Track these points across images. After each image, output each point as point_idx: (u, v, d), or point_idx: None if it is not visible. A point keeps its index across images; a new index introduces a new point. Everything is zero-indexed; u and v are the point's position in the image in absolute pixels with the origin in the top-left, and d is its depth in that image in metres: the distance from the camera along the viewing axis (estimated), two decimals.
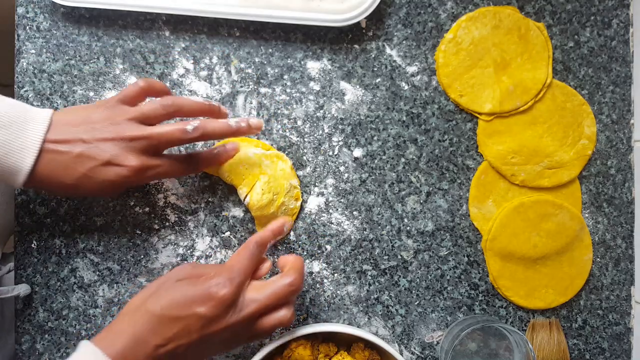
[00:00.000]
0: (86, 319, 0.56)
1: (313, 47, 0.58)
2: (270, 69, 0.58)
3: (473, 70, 0.57)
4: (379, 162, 0.58)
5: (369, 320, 0.57)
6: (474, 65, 0.57)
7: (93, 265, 0.56)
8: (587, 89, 0.59)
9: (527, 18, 0.58)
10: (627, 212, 0.59)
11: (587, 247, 0.58)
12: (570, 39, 0.59)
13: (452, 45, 0.57)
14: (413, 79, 0.58)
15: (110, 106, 0.47)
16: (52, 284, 0.56)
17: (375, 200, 0.57)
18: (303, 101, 0.58)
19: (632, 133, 0.59)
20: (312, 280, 0.57)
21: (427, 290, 0.57)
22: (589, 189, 0.59)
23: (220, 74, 0.57)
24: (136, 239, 0.56)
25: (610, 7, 0.59)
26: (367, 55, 0.58)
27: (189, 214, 0.57)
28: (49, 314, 0.56)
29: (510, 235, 0.57)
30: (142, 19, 0.57)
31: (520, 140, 0.57)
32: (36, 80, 0.56)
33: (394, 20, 0.58)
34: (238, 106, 0.57)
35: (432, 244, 0.58)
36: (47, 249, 0.56)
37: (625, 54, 0.59)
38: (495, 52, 0.57)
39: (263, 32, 0.58)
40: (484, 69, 0.57)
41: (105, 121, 0.46)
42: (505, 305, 0.58)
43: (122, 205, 0.56)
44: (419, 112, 0.58)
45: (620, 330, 0.58)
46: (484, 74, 0.57)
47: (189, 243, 0.57)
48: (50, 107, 0.56)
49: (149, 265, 0.56)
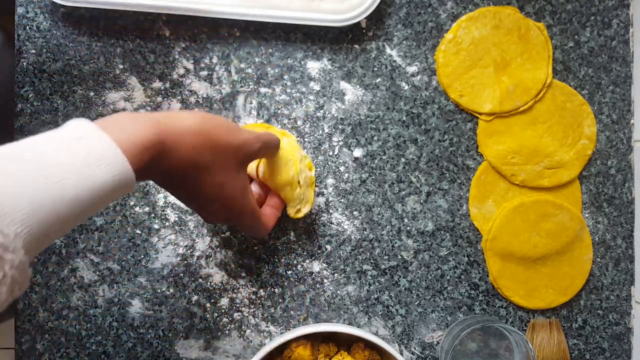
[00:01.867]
0: (86, 319, 0.56)
1: (313, 47, 0.58)
2: (271, 69, 0.58)
3: (473, 70, 0.57)
4: (379, 162, 0.58)
5: (369, 320, 0.57)
6: (474, 65, 0.57)
7: (93, 265, 0.56)
8: (587, 89, 0.59)
9: (527, 18, 0.58)
10: (627, 212, 0.59)
11: (587, 247, 0.58)
12: (570, 39, 0.59)
13: (452, 45, 0.57)
14: (413, 79, 0.58)
15: None
16: (52, 284, 0.56)
17: (375, 200, 0.57)
18: (303, 101, 0.58)
19: (632, 133, 0.59)
20: (312, 280, 0.57)
21: (427, 290, 0.57)
22: (589, 189, 0.59)
23: (221, 74, 0.57)
24: (136, 238, 0.56)
25: (610, 7, 0.59)
26: (367, 55, 0.58)
27: (189, 214, 0.57)
28: (49, 314, 0.56)
29: (511, 235, 0.57)
30: (142, 19, 0.57)
31: (520, 140, 0.57)
32: (36, 81, 0.56)
33: (394, 20, 0.58)
34: (238, 106, 0.57)
35: (432, 244, 0.58)
36: (47, 249, 0.56)
37: (625, 54, 0.59)
38: (495, 52, 0.57)
39: (263, 32, 0.58)
40: (484, 69, 0.57)
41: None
42: (505, 305, 0.58)
43: (122, 205, 0.56)
44: (419, 112, 0.58)
45: (620, 330, 0.58)
46: (484, 74, 0.57)
47: (189, 243, 0.57)
48: (51, 108, 0.56)
49: (149, 265, 0.56)
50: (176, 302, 0.56)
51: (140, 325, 0.56)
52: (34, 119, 0.56)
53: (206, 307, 0.56)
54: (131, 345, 0.56)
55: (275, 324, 0.57)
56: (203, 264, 0.57)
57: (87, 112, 0.56)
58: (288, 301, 0.57)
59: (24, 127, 0.56)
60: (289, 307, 0.57)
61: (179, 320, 0.56)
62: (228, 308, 0.56)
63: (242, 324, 0.56)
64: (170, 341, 0.56)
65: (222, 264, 0.57)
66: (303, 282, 0.57)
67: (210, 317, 0.56)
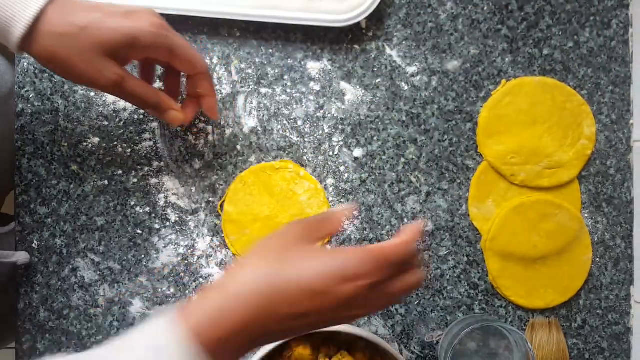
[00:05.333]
0: (87, 318, 0.56)
1: (313, 47, 0.58)
2: (271, 69, 0.58)
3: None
4: (379, 162, 0.58)
5: (369, 320, 0.57)
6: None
7: (94, 265, 0.56)
8: (587, 89, 0.59)
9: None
10: (627, 212, 0.59)
11: (586, 247, 0.58)
12: (570, 39, 0.59)
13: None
14: (413, 79, 0.58)
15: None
16: (52, 284, 0.56)
17: (375, 200, 0.58)
18: (303, 101, 0.58)
19: (632, 133, 0.59)
20: None
21: (426, 289, 0.58)
22: (589, 189, 0.59)
23: (221, 75, 0.57)
24: (137, 238, 0.57)
25: (609, 7, 0.59)
26: (367, 56, 0.58)
27: (189, 214, 0.57)
28: (49, 314, 0.56)
29: (510, 235, 0.57)
30: None
31: (520, 140, 0.57)
32: (37, 81, 0.56)
33: (394, 21, 0.58)
34: (238, 107, 0.57)
35: (432, 244, 0.58)
36: (48, 249, 0.56)
37: (624, 54, 0.59)
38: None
39: (263, 32, 0.58)
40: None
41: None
42: (504, 304, 0.58)
43: (123, 205, 0.57)
44: (419, 112, 0.58)
45: (619, 330, 0.58)
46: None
47: (190, 243, 0.57)
48: (52, 108, 0.56)
49: (149, 265, 0.56)
50: (177, 302, 0.56)
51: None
52: (35, 119, 0.56)
53: None
54: None
55: None
56: (204, 263, 0.57)
57: (88, 112, 0.57)
58: None
59: (25, 127, 0.56)
60: None
61: None
62: None
63: None
64: None
65: (222, 263, 0.57)
66: None
67: None
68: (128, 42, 0.44)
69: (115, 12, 0.45)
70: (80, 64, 0.44)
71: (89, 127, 0.57)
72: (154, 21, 0.45)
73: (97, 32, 0.44)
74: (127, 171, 0.57)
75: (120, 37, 0.44)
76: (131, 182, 0.57)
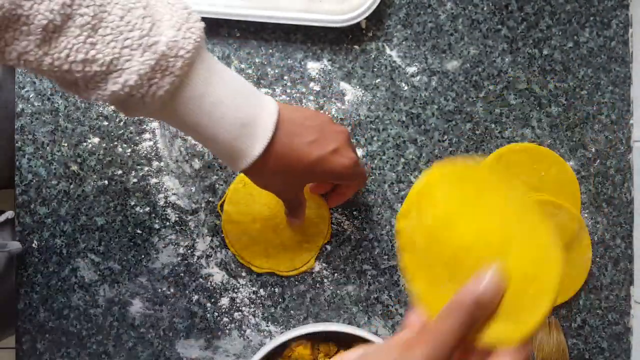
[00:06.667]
0: (87, 318, 0.56)
1: (313, 47, 0.58)
2: (271, 70, 0.58)
3: None
4: (379, 162, 0.58)
5: (369, 319, 0.57)
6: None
7: (94, 265, 0.56)
8: (587, 89, 0.59)
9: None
10: (626, 212, 0.59)
11: (586, 247, 0.58)
12: (570, 39, 0.59)
13: None
14: (413, 80, 0.58)
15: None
16: (52, 284, 0.56)
17: (375, 200, 0.58)
18: (303, 101, 0.58)
19: (632, 133, 0.59)
20: (312, 279, 0.57)
21: None
22: (588, 189, 0.59)
23: None
24: (137, 238, 0.57)
25: (609, 7, 0.59)
26: (367, 56, 0.58)
27: (189, 214, 0.57)
28: (49, 314, 0.56)
29: None
30: None
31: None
32: (37, 81, 0.56)
33: (394, 21, 0.58)
34: None
35: None
36: (48, 249, 0.56)
37: (624, 54, 0.59)
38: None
39: (263, 32, 0.58)
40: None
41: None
42: None
43: (123, 205, 0.57)
44: (419, 112, 0.58)
45: (619, 330, 0.58)
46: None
47: (190, 243, 0.57)
48: (52, 108, 0.56)
49: (149, 265, 0.56)
50: (177, 302, 0.56)
51: (141, 324, 0.56)
52: (35, 119, 0.56)
53: (206, 306, 0.56)
54: (132, 344, 0.56)
55: (275, 323, 0.57)
56: (203, 263, 0.57)
57: (88, 112, 0.57)
58: (288, 301, 0.57)
59: (25, 127, 0.56)
60: (289, 306, 0.57)
61: (179, 319, 0.56)
62: (228, 308, 0.56)
63: (243, 323, 0.57)
64: (170, 341, 0.56)
65: (222, 263, 0.57)
66: (303, 282, 0.57)
67: (211, 316, 0.56)
68: (333, 178, 0.48)
69: (327, 149, 0.45)
70: (282, 187, 0.48)
71: (89, 127, 0.57)
72: (352, 158, 0.47)
73: (311, 177, 0.47)
74: (127, 171, 0.57)
75: (329, 178, 0.48)
76: (131, 182, 0.57)
